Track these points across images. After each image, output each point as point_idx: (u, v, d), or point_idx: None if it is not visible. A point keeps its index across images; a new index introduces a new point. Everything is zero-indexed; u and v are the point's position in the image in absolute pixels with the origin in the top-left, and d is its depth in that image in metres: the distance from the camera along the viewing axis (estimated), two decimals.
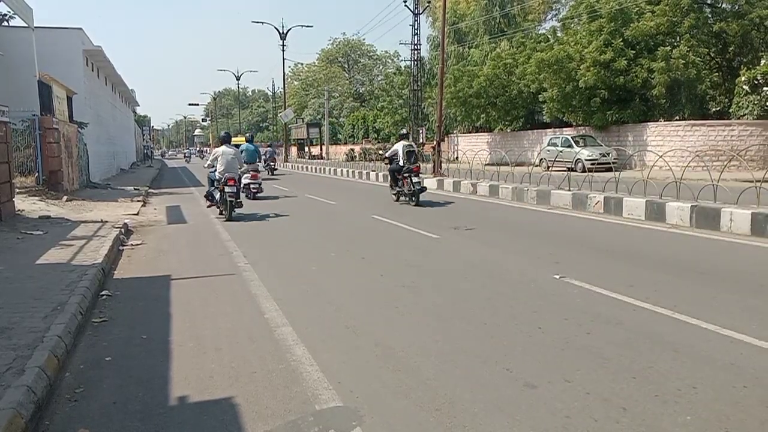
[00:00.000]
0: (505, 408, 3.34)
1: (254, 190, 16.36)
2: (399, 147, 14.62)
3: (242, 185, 14.46)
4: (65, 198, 14.80)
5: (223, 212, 12.17)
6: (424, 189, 14.27)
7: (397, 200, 14.79)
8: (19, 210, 11.64)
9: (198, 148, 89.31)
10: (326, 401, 3.48)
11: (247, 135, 21.47)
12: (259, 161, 20.63)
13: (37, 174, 15.75)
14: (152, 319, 5.23)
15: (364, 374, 3.88)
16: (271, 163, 30.71)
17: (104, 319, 5.24)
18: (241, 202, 12.48)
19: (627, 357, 4.05)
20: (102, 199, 16.25)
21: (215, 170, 12.29)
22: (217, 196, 12.31)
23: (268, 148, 31.98)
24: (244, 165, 14.90)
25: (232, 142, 13.04)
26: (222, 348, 4.43)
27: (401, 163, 14.22)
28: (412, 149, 14.61)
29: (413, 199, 13.96)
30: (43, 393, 3.48)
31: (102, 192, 19.35)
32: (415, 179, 13.84)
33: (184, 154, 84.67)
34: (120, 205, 14.90)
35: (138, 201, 16.23)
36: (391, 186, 15.18)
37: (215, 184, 12.40)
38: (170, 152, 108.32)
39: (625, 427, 3.08)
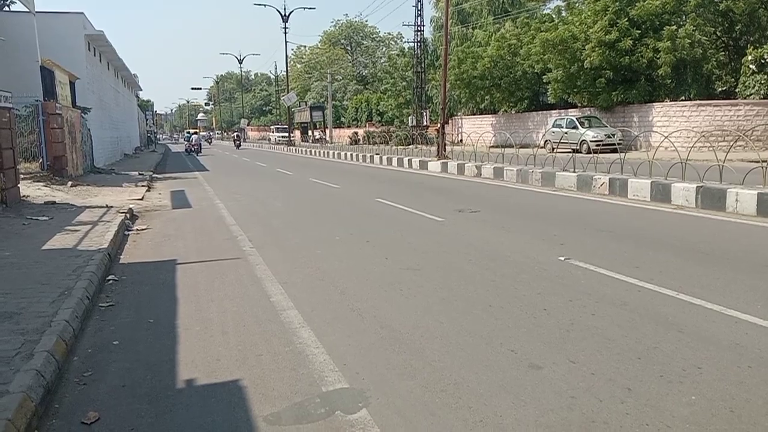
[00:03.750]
0: (510, 389, 3.36)
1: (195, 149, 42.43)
2: (195, 136, 45.34)
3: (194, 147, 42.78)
4: (70, 183, 14.83)
5: (191, 153, 41.20)
6: (199, 150, 42.16)
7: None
8: (24, 196, 11.68)
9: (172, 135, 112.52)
10: (332, 383, 3.50)
11: (191, 130, 60.15)
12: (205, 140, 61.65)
13: (41, 160, 15.77)
14: (159, 303, 5.26)
15: (369, 356, 3.90)
16: (207, 142, 62.39)
17: (111, 304, 5.27)
18: (196, 151, 41.78)
19: (632, 338, 4.06)
20: (106, 185, 16.28)
21: (189, 141, 44.15)
22: (187, 151, 43.33)
23: (204, 134, 65.53)
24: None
25: (191, 132, 53.00)
26: (228, 331, 4.46)
27: (193, 141, 43.09)
28: (197, 135, 48.07)
29: (194, 153, 41.30)
30: (51, 377, 3.52)
31: (106, 177, 19.39)
32: (195, 149, 41.93)
33: (176, 139, 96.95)
34: (125, 190, 14.93)
35: (142, 186, 16.26)
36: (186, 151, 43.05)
37: (187, 146, 44.09)
38: (164, 137, 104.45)
39: (630, 408, 3.10)
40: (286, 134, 54.80)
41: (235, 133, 59.93)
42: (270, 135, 65.40)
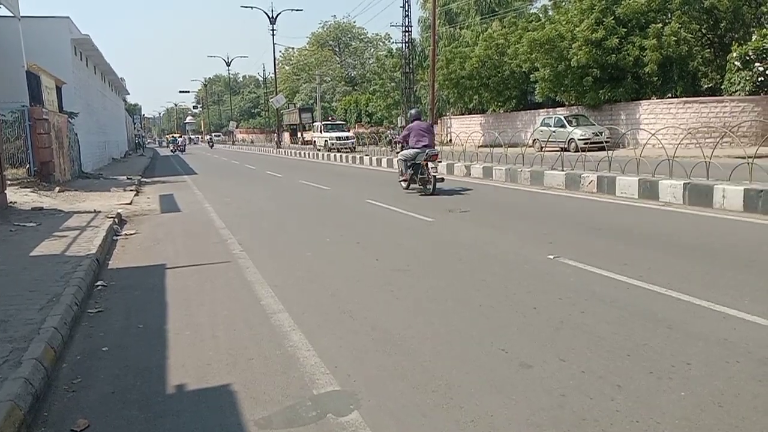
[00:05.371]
0: (501, 388, 3.37)
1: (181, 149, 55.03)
2: (181, 138, 63.42)
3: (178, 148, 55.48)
4: (57, 189, 14.71)
5: (177, 153, 50.62)
6: (184, 149, 55.78)
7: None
8: (11, 202, 11.58)
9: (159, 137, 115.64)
10: (324, 386, 3.50)
11: (176, 135, 78.38)
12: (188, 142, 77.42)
13: (28, 165, 15.63)
14: (148, 308, 5.23)
15: (360, 358, 3.90)
16: (186, 143, 65.76)
17: (100, 310, 5.23)
18: (181, 150, 54.29)
19: (621, 335, 4.08)
20: (94, 189, 16.16)
21: (175, 143, 56.92)
22: (173, 151, 54.93)
23: (183, 137, 69.71)
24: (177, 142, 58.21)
25: (176, 136, 71.07)
26: (219, 335, 4.44)
27: (179, 143, 57.25)
28: (183, 138, 68.96)
29: (179, 152, 53.01)
30: (40, 384, 3.49)
31: (94, 182, 19.25)
32: (180, 148, 55.30)
33: (159, 142, 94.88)
34: (113, 195, 14.83)
35: (131, 190, 16.15)
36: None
37: (173, 147, 56.12)
38: (149, 141, 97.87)
39: (620, 404, 3.12)
40: (349, 136, 37.03)
41: (209, 136, 78.86)
42: (314, 137, 41.65)
